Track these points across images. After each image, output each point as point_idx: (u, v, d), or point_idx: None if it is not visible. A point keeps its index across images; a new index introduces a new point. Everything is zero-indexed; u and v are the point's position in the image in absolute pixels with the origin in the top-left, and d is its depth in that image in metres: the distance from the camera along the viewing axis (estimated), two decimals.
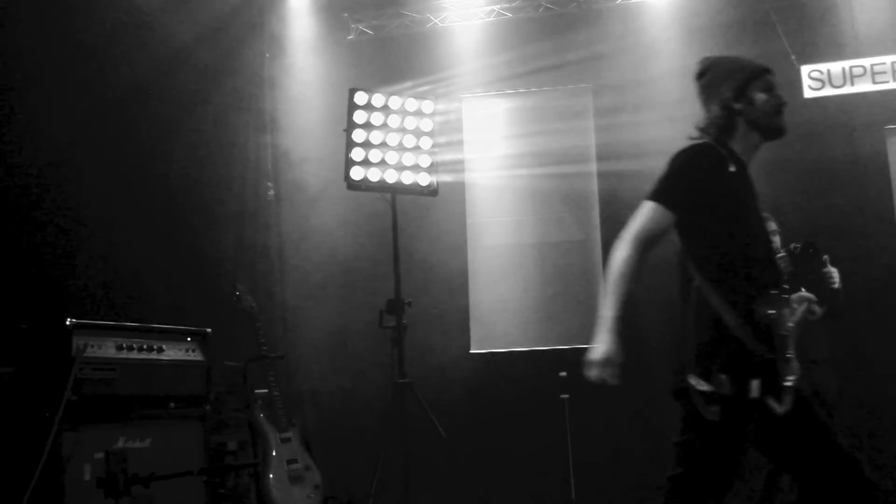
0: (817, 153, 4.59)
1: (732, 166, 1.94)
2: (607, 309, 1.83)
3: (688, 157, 1.93)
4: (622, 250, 1.85)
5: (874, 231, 4.55)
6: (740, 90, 2.00)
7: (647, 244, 1.85)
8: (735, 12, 4.78)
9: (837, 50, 4.73)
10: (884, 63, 4.67)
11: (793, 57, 4.69)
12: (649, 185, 1.89)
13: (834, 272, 3.27)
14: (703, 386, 1.75)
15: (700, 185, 1.90)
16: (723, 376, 1.73)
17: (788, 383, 1.78)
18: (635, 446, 4.44)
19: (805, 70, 4.73)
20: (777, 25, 4.67)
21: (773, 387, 1.76)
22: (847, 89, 4.70)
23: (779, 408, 1.74)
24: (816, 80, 4.73)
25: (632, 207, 4.47)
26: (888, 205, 4.63)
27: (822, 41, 4.74)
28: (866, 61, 4.69)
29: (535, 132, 4.80)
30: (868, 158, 4.62)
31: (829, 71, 4.72)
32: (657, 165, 4.31)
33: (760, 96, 1.99)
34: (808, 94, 4.72)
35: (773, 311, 1.77)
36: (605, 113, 4.80)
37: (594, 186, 4.87)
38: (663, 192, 1.89)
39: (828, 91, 4.72)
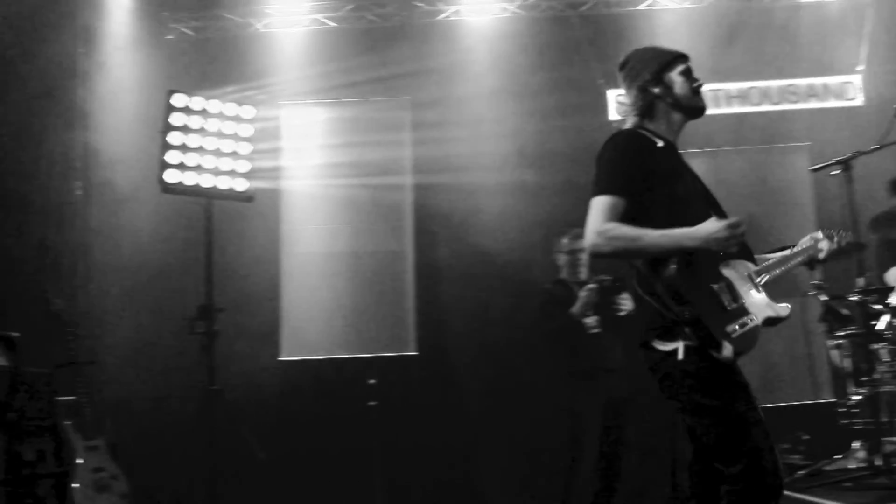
0: None
1: (660, 142, 2.56)
2: (676, 237, 2.35)
3: (616, 144, 2.54)
4: (606, 239, 2.38)
5: None
6: (658, 74, 2.64)
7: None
8: (549, 36, 6.48)
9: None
10: None
11: (600, 81, 6.49)
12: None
13: (622, 301, 4.79)
14: (667, 346, 2.34)
15: (635, 167, 2.47)
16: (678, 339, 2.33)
17: (734, 331, 2.32)
18: (441, 448, 6.01)
19: (612, 94, 6.54)
20: (588, 51, 6.45)
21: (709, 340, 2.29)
22: None
23: (722, 356, 2.28)
24: (622, 104, 6.54)
25: (443, 220, 6.35)
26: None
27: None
28: None
29: (354, 143, 6.30)
30: None
31: None
32: (470, 180, 6.08)
33: (678, 79, 2.64)
34: (613, 116, 6.52)
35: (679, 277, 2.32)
36: (422, 127, 6.37)
37: (408, 198, 6.45)
38: (609, 183, 2.44)
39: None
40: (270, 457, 5.56)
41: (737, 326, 2.37)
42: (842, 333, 4.79)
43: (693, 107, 2.68)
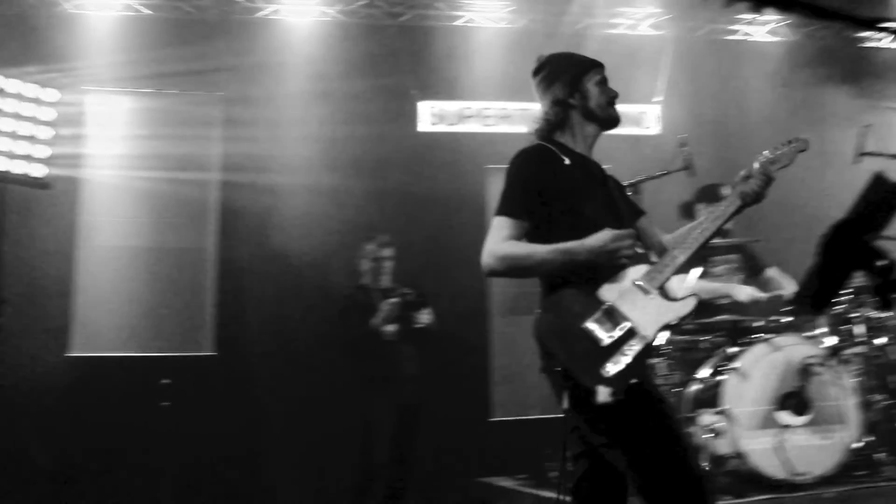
0: (427, 186, 8.13)
1: (567, 159, 2.98)
2: (563, 251, 2.84)
3: (520, 163, 2.99)
4: (497, 259, 2.92)
5: (467, 265, 8.16)
6: (573, 84, 3.12)
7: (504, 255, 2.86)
8: (367, 44, 8.14)
9: (453, 90, 8.40)
10: (491, 108, 8.43)
11: (413, 92, 8.26)
12: (266, 199, 3.83)
13: (422, 315, 6.24)
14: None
15: (535, 186, 2.92)
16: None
17: (607, 373, 2.70)
18: (235, 449, 7.39)
19: (423, 106, 8.33)
20: (404, 62, 8.21)
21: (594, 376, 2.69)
22: (458, 128, 8.39)
23: (603, 400, 2.66)
24: (433, 115, 8.35)
25: (249, 219, 7.86)
26: (482, 241, 8.28)
27: (441, 80, 8.35)
28: (477, 104, 8.42)
29: (161, 135, 7.66)
30: (470, 195, 8.27)
31: (444, 109, 8.37)
32: (278, 181, 7.69)
33: (593, 89, 3.12)
34: (422, 128, 8.31)
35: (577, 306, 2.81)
36: (233, 124, 7.88)
37: (214, 195, 7.94)
38: (508, 204, 2.93)
39: (441, 127, 8.33)
40: (54, 454, 6.75)
41: (611, 365, 2.74)
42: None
43: (608, 118, 3.16)
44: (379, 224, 6.76)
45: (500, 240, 2.91)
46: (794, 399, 5.15)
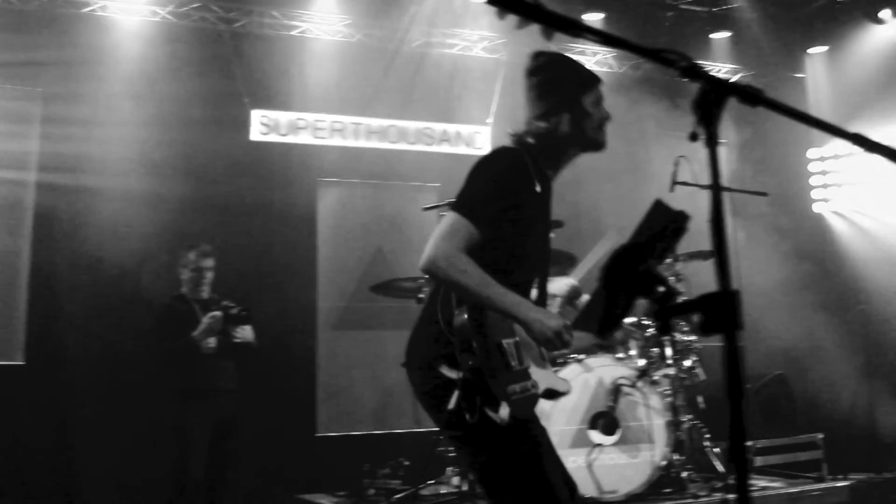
0: (257, 196, 8.05)
1: (538, 186, 2.93)
2: (513, 303, 2.76)
3: (500, 168, 2.91)
4: (451, 267, 2.73)
5: (296, 278, 8.13)
6: (573, 100, 3.01)
7: (449, 255, 2.75)
8: (199, 48, 8.10)
9: (287, 100, 8.34)
10: (324, 120, 8.44)
11: (246, 100, 8.16)
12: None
13: (242, 330, 6.27)
14: (452, 373, 2.74)
15: (505, 200, 2.85)
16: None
17: (513, 391, 2.74)
18: (44, 461, 7.11)
19: (256, 114, 8.25)
20: (235, 68, 8.09)
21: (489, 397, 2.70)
22: (290, 139, 8.33)
23: (496, 417, 2.68)
24: (265, 125, 8.28)
25: (65, 222, 7.45)
26: (312, 255, 8.30)
27: (274, 90, 8.31)
28: (310, 116, 8.40)
29: None
30: (300, 207, 8.24)
31: (277, 119, 8.32)
32: (98, 184, 7.35)
33: (591, 109, 3.02)
34: (255, 137, 8.23)
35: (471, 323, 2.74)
36: (53, 122, 7.64)
37: (30, 197, 7.64)
38: (475, 207, 2.81)
39: (273, 137, 8.29)
40: None
41: (518, 388, 2.80)
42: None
43: (595, 141, 3.11)
44: (204, 233, 6.77)
45: (460, 246, 2.76)
46: (605, 418, 5.35)
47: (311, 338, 8.30)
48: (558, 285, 6.30)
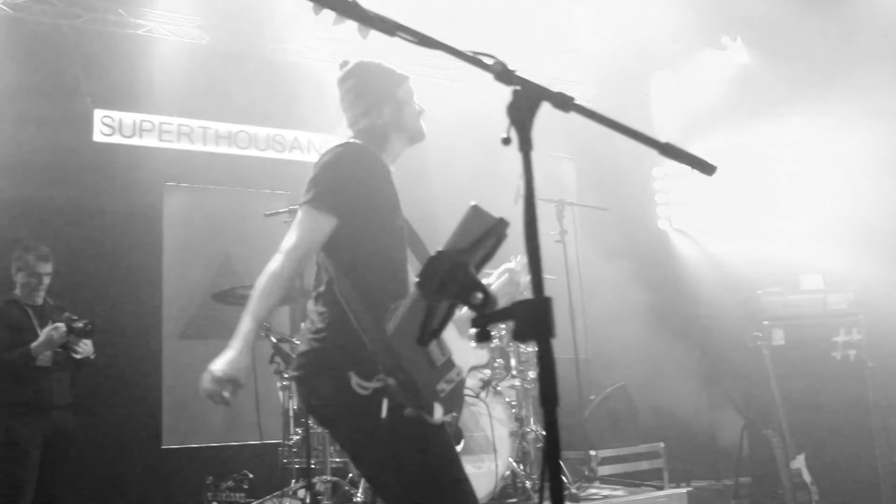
0: (101, 199, 7.71)
1: (392, 168, 3.05)
2: (245, 322, 2.80)
3: (347, 158, 2.93)
4: (276, 262, 2.78)
5: (140, 284, 7.82)
6: (388, 96, 3.12)
7: (308, 255, 2.83)
8: (37, 43, 7.72)
9: (132, 101, 8.04)
10: (171, 123, 8.17)
11: (88, 99, 7.82)
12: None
13: (84, 345, 5.89)
14: (365, 386, 2.69)
15: (360, 188, 2.88)
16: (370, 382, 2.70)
17: (442, 391, 2.75)
18: None
19: (98, 114, 7.92)
20: (78, 62, 7.73)
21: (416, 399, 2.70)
22: (135, 141, 8.03)
23: (432, 419, 2.72)
24: (108, 125, 7.95)
25: None
26: (157, 261, 8.01)
27: (119, 90, 7.99)
28: (156, 118, 8.12)
29: None
30: (145, 211, 7.94)
31: (121, 119, 8.01)
32: None
33: (406, 101, 3.15)
34: (98, 137, 7.89)
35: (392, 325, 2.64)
36: None
37: None
38: (324, 195, 2.83)
39: (117, 139, 7.97)
40: None
41: (445, 385, 2.80)
42: (286, 375, 6.44)
43: (417, 132, 3.21)
44: (42, 237, 6.43)
45: (307, 238, 2.83)
46: (448, 428, 5.29)
47: (156, 346, 8.00)
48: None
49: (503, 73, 1.76)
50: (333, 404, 2.84)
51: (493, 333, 6.13)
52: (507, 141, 1.74)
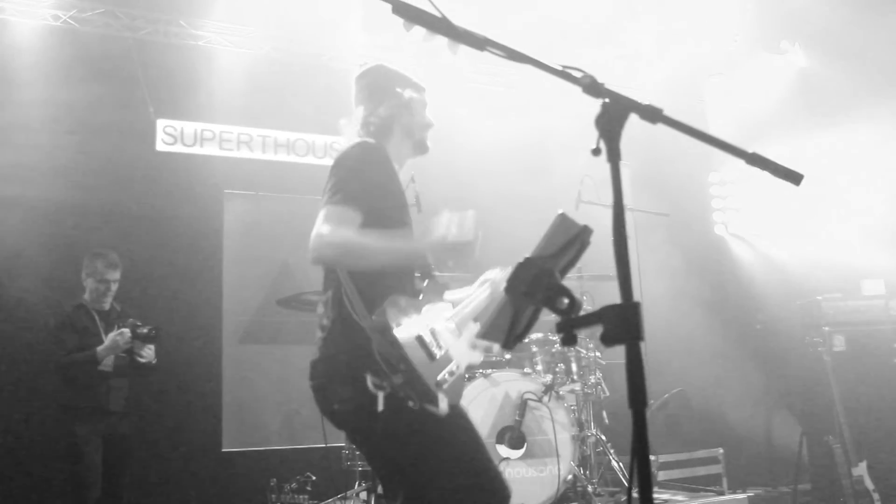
0: (163, 207, 7.90)
1: (398, 166, 3.11)
2: (418, 248, 2.96)
3: (362, 155, 3.02)
4: (330, 246, 2.84)
5: (201, 291, 7.99)
6: (401, 98, 3.19)
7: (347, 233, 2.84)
8: (102, 55, 7.91)
9: (193, 111, 8.22)
10: (231, 132, 8.34)
11: (151, 109, 8.02)
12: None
13: (148, 350, 6.07)
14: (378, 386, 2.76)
15: (378, 187, 2.96)
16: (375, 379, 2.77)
17: (445, 381, 2.83)
18: None
19: (161, 124, 8.12)
20: (141, 74, 7.93)
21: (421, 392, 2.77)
22: (196, 149, 8.21)
23: (437, 410, 2.77)
24: (170, 135, 8.14)
25: None
26: (217, 267, 8.17)
27: (180, 99, 8.18)
28: (216, 127, 8.29)
29: None
30: (206, 218, 8.11)
31: (182, 129, 8.19)
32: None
33: (418, 108, 3.23)
34: (160, 147, 8.09)
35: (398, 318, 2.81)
36: None
37: None
38: (351, 192, 2.89)
39: (179, 148, 8.17)
40: None
41: (447, 375, 2.89)
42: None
43: (422, 142, 3.31)
44: (105, 244, 6.62)
45: (333, 227, 2.85)
46: (511, 432, 5.40)
47: (216, 352, 8.17)
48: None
49: (592, 86, 1.83)
50: (354, 407, 2.87)
51: (543, 338, 6.22)
52: (597, 151, 1.81)
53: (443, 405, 2.78)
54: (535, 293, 1.98)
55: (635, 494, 1.82)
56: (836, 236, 8.50)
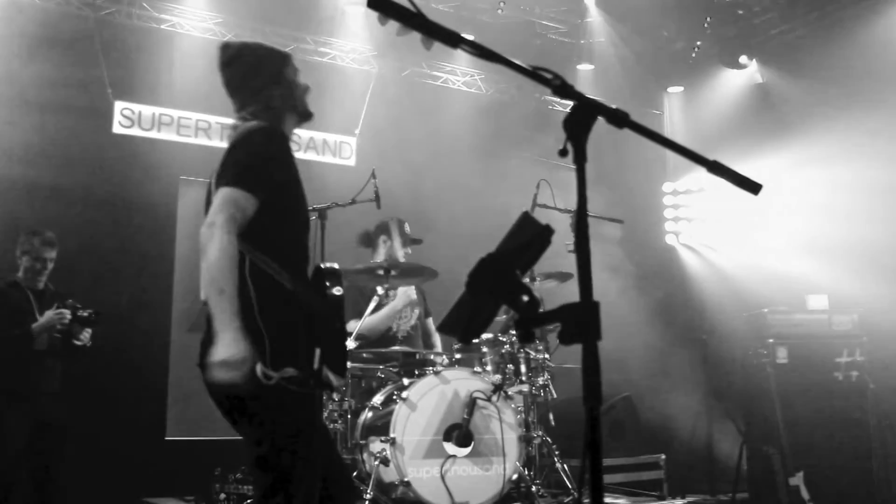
0: (118, 190, 7.81)
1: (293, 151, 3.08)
2: (227, 304, 2.76)
3: (263, 139, 2.98)
4: (220, 240, 2.74)
5: (152, 276, 7.91)
6: (278, 75, 3.17)
7: (236, 232, 2.80)
8: (62, 32, 7.80)
9: (152, 95, 8.14)
10: (189, 118, 8.28)
11: (109, 90, 7.92)
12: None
13: (85, 333, 5.93)
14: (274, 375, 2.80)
15: (276, 168, 2.94)
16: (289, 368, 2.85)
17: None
18: None
19: (119, 106, 8.02)
20: (101, 53, 7.82)
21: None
22: (154, 134, 8.13)
23: (335, 381, 2.97)
24: (128, 118, 8.05)
25: None
26: (170, 253, 8.10)
27: (140, 82, 8.09)
28: (175, 112, 8.22)
29: None
30: (160, 204, 8.04)
31: (140, 112, 8.11)
32: None
33: (294, 81, 3.21)
34: (117, 129, 7.99)
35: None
36: None
37: None
38: (245, 176, 2.86)
39: (136, 131, 8.08)
40: None
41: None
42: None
43: (306, 111, 3.28)
44: (54, 222, 6.52)
45: (233, 216, 2.78)
46: (459, 431, 5.44)
47: (164, 338, 8.10)
48: (403, 291, 6.39)
49: (562, 88, 1.87)
50: (242, 395, 2.87)
51: (493, 339, 6.28)
52: (563, 152, 1.84)
53: (335, 381, 2.92)
54: (496, 289, 2.01)
55: (585, 491, 1.86)
56: (784, 251, 8.68)
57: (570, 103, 1.87)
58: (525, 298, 1.99)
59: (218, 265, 2.74)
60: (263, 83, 3.15)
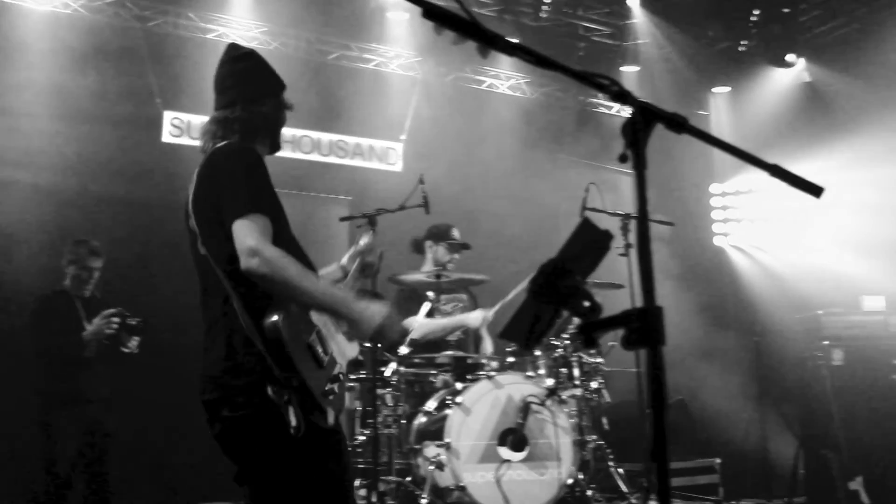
0: (168, 199, 7.90)
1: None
2: (328, 298, 2.80)
3: (252, 161, 2.96)
4: (272, 258, 2.70)
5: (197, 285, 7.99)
6: (276, 92, 3.15)
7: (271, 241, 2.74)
8: (112, 44, 7.95)
9: (201, 104, 8.23)
10: None
11: (158, 100, 8.05)
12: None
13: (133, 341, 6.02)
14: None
15: (266, 188, 2.93)
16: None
17: (333, 391, 2.79)
18: None
19: (168, 116, 8.14)
20: (149, 64, 7.96)
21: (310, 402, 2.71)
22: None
23: (325, 423, 2.74)
24: (177, 127, 8.18)
25: None
26: None
27: (188, 92, 8.22)
28: None
29: None
30: None
31: (190, 121, 8.22)
32: (2, 176, 7.02)
33: (285, 106, 3.18)
34: (166, 138, 8.12)
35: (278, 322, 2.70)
36: None
37: None
38: (257, 200, 2.83)
39: (185, 140, 8.19)
40: None
41: (332, 386, 2.84)
42: (353, 377, 6.40)
43: (278, 142, 3.27)
44: (105, 232, 6.53)
45: (266, 239, 2.75)
46: (514, 435, 5.46)
47: None
48: (475, 316, 6.41)
49: (620, 94, 1.88)
50: (234, 419, 2.83)
51: (546, 342, 6.28)
52: (623, 158, 1.85)
53: (330, 419, 2.77)
54: (558, 295, 2.03)
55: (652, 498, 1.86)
56: (839, 252, 8.57)
57: (617, 105, 1.89)
58: (587, 304, 2.00)
59: (297, 279, 2.75)
60: (261, 92, 3.13)
